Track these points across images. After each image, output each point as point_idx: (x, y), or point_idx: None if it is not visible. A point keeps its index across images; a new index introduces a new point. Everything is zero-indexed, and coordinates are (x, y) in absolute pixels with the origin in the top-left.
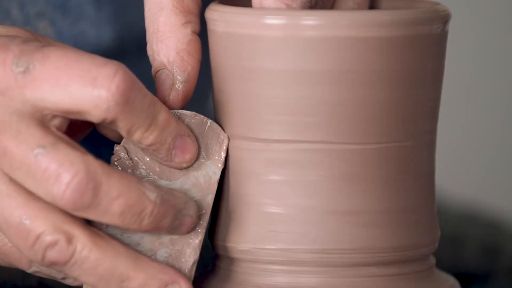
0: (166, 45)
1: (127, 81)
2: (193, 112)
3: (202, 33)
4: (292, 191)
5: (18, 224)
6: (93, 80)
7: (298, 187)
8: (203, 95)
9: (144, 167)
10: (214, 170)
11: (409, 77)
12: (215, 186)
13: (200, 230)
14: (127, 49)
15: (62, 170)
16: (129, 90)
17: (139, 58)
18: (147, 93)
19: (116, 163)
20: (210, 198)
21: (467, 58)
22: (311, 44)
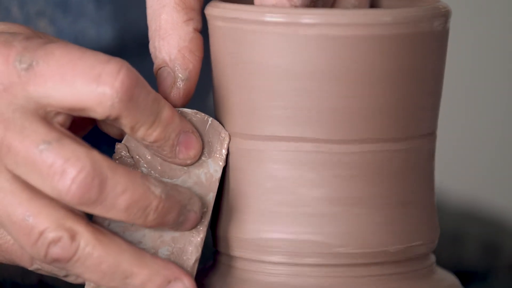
0: (168, 43)
1: (131, 78)
2: (194, 110)
3: (203, 30)
4: (292, 190)
5: (21, 221)
6: (97, 77)
7: (298, 185)
8: (204, 92)
9: (146, 165)
10: (216, 168)
11: (410, 75)
12: (217, 184)
13: (202, 228)
14: (127, 48)
15: (68, 166)
16: (133, 87)
17: (139, 57)
18: (151, 90)
19: (118, 162)
20: (212, 196)
21: (468, 56)
22: (312, 42)
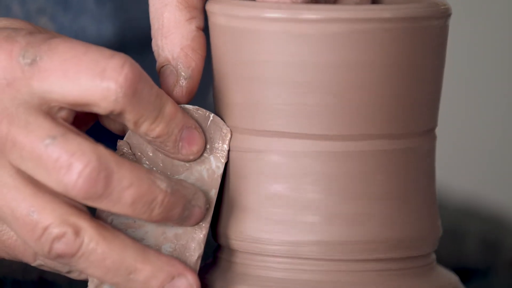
0: (171, 41)
1: (135, 73)
2: (196, 106)
3: (205, 28)
4: (292, 187)
5: (25, 216)
6: (102, 72)
7: (298, 183)
8: (205, 89)
9: (148, 162)
10: (218, 165)
11: (410, 72)
12: (219, 181)
13: (204, 225)
14: (128, 45)
15: (74, 160)
16: (137, 82)
17: (140, 54)
18: (154, 85)
19: None
20: (214, 193)
21: (467, 53)
22: (312, 38)
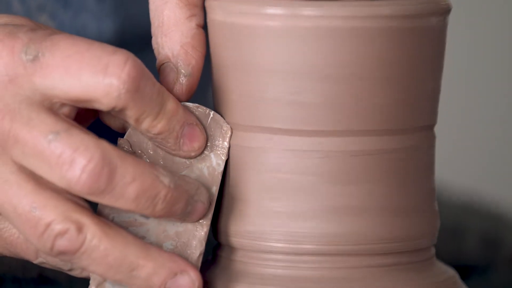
0: (171, 39)
1: (137, 69)
2: (196, 104)
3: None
4: (292, 182)
5: (27, 213)
6: (104, 69)
7: (298, 180)
8: (204, 87)
9: (148, 160)
10: (218, 162)
11: (409, 69)
12: (219, 178)
13: (206, 222)
14: (128, 43)
15: (77, 155)
16: (139, 78)
17: (140, 51)
18: (156, 82)
19: None
20: (215, 190)
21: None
22: (311, 34)
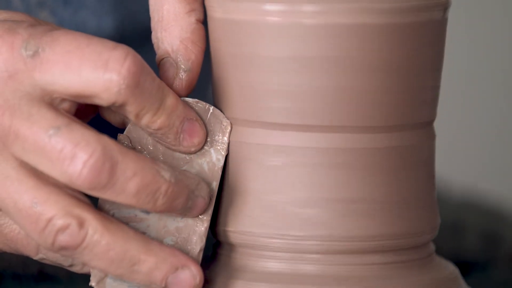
0: (170, 34)
1: (137, 65)
2: (195, 99)
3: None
4: (292, 178)
5: (28, 208)
6: (104, 64)
7: (298, 174)
8: (204, 83)
9: (148, 156)
10: (218, 157)
11: (409, 64)
12: (219, 173)
13: (206, 218)
14: (128, 39)
15: (78, 150)
16: (139, 74)
17: (140, 48)
18: (156, 77)
19: None
20: (215, 185)
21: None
22: (310, 31)
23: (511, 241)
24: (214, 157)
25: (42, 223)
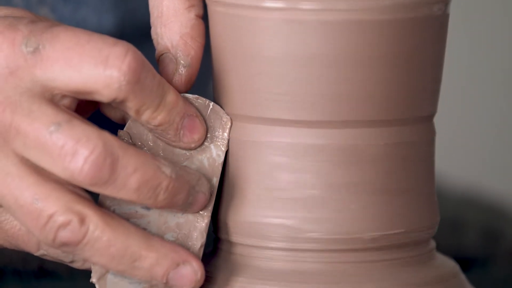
0: (170, 29)
1: (138, 61)
2: (195, 95)
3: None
4: (291, 176)
5: (29, 205)
6: (105, 60)
7: (296, 171)
8: (204, 79)
9: (148, 152)
10: (218, 153)
11: (409, 60)
12: (220, 169)
13: (206, 214)
14: (128, 36)
15: (79, 146)
16: (140, 70)
17: (140, 45)
18: (156, 73)
19: None
20: (215, 181)
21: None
22: (311, 27)
23: (511, 238)
24: (214, 153)
25: (43, 220)
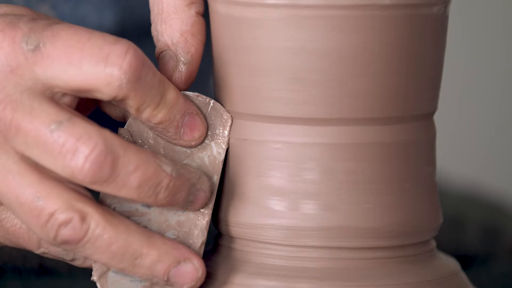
0: (170, 26)
1: (138, 59)
2: (196, 93)
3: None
4: (292, 173)
5: (30, 203)
6: (105, 58)
7: (298, 169)
8: (205, 77)
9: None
10: (219, 151)
11: (409, 56)
12: (220, 166)
13: (207, 211)
14: (128, 33)
15: (80, 144)
16: (140, 68)
17: (140, 42)
18: (156, 71)
19: None
20: (216, 179)
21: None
22: (311, 24)
23: (511, 235)
24: (215, 151)
25: (44, 218)
